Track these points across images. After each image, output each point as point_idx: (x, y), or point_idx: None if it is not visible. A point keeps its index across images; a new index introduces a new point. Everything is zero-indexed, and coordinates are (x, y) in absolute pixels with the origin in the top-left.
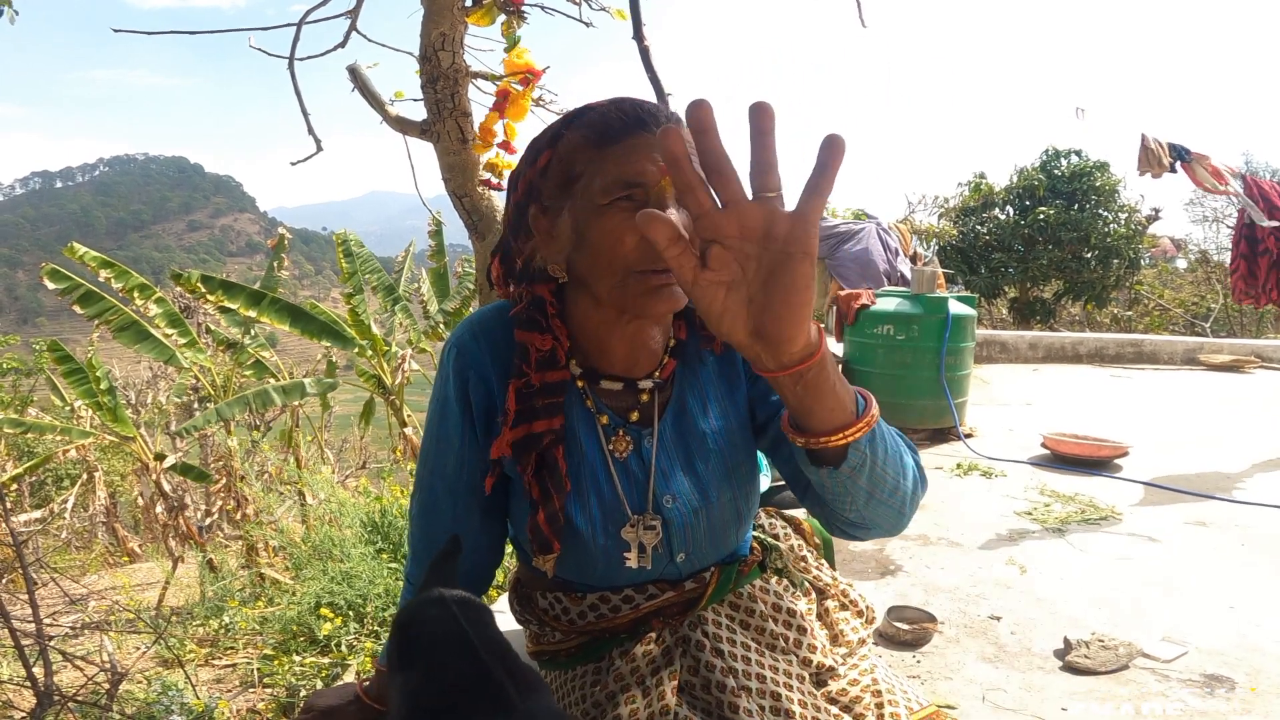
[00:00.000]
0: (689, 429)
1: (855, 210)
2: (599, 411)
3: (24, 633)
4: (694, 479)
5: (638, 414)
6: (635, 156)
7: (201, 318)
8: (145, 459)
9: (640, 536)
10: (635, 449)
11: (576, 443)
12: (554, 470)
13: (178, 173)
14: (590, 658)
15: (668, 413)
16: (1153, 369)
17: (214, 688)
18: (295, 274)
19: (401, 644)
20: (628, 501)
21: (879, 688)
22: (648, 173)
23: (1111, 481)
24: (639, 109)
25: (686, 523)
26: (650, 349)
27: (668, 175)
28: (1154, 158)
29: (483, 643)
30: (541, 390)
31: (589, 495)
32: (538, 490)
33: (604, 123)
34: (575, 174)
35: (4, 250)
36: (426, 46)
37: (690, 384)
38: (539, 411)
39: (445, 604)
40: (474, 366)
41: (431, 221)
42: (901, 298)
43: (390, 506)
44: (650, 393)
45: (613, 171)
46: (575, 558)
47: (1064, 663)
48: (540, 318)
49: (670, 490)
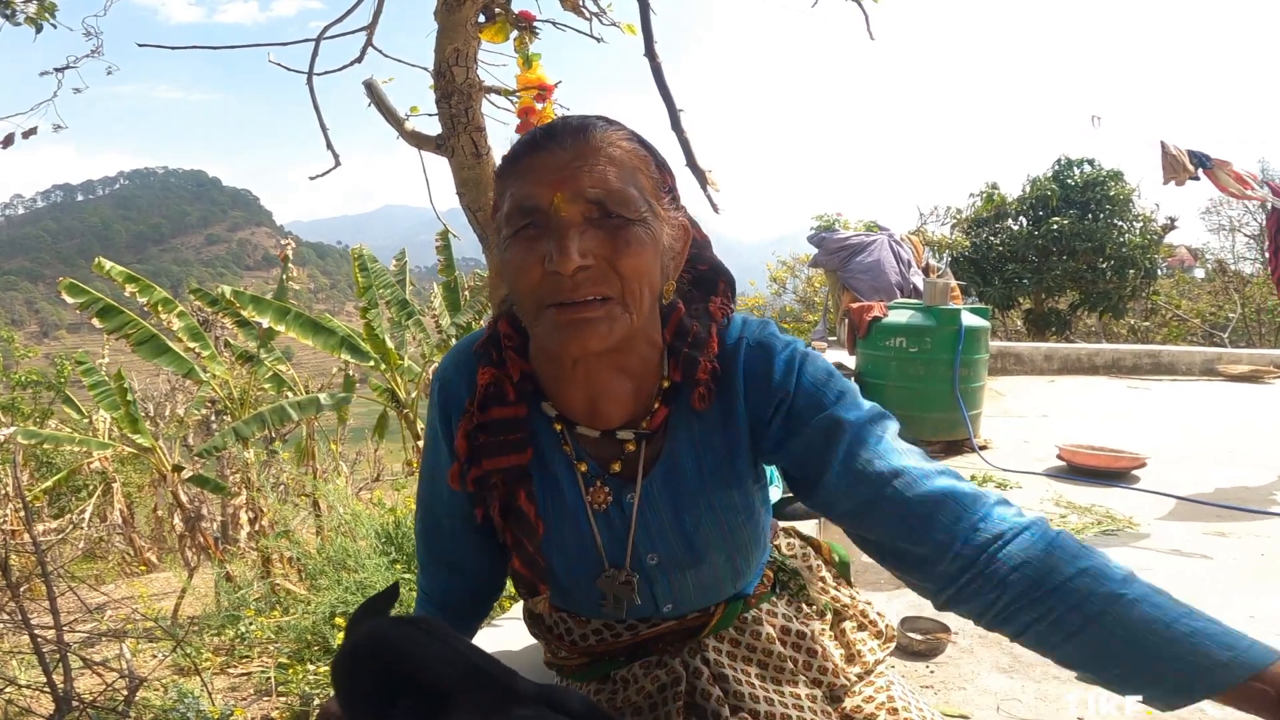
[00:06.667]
0: (680, 486)
1: (867, 222)
2: (578, 458)
3: (44, 639)
4: (682, 538)
5: (619, 465)
6: (529, 179)
7: (219, 331)
8: (164, 470)
9: (614, 589)
10: (615, 501)
11: (556, 483)
12: (520, 516)
13: (196, 186)
14: (595, 675)
15: (657, 467)
16: (1170, 380)
17: (229, 696)
18: (311, 287)
19: (373, 673)
20: (606, 553)
21: (895, 705)
22: (540, 196)
23: (1129, 493)
24: (548, 127)
25: (672, 578)
26: (615, 396)
27: (560, 191)
28: (1177, 165)
29: (462, 645)
30: (484, 428)
31: (568, 539)
32: (510, 536)
33: (512, 149)
34: (496, 207)
35: (25, 263)
36: (441, 62)
37: (684, 435)
38: (486, 449)
39: (405, 623)
40: (453, 401)
41: (439, 236)
42: (914, 310)
43: (404, 518)
44: (636, 442)
45: (513, 199)
46: (561, 597)
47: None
48: (493, 350)
49: (655, 549)
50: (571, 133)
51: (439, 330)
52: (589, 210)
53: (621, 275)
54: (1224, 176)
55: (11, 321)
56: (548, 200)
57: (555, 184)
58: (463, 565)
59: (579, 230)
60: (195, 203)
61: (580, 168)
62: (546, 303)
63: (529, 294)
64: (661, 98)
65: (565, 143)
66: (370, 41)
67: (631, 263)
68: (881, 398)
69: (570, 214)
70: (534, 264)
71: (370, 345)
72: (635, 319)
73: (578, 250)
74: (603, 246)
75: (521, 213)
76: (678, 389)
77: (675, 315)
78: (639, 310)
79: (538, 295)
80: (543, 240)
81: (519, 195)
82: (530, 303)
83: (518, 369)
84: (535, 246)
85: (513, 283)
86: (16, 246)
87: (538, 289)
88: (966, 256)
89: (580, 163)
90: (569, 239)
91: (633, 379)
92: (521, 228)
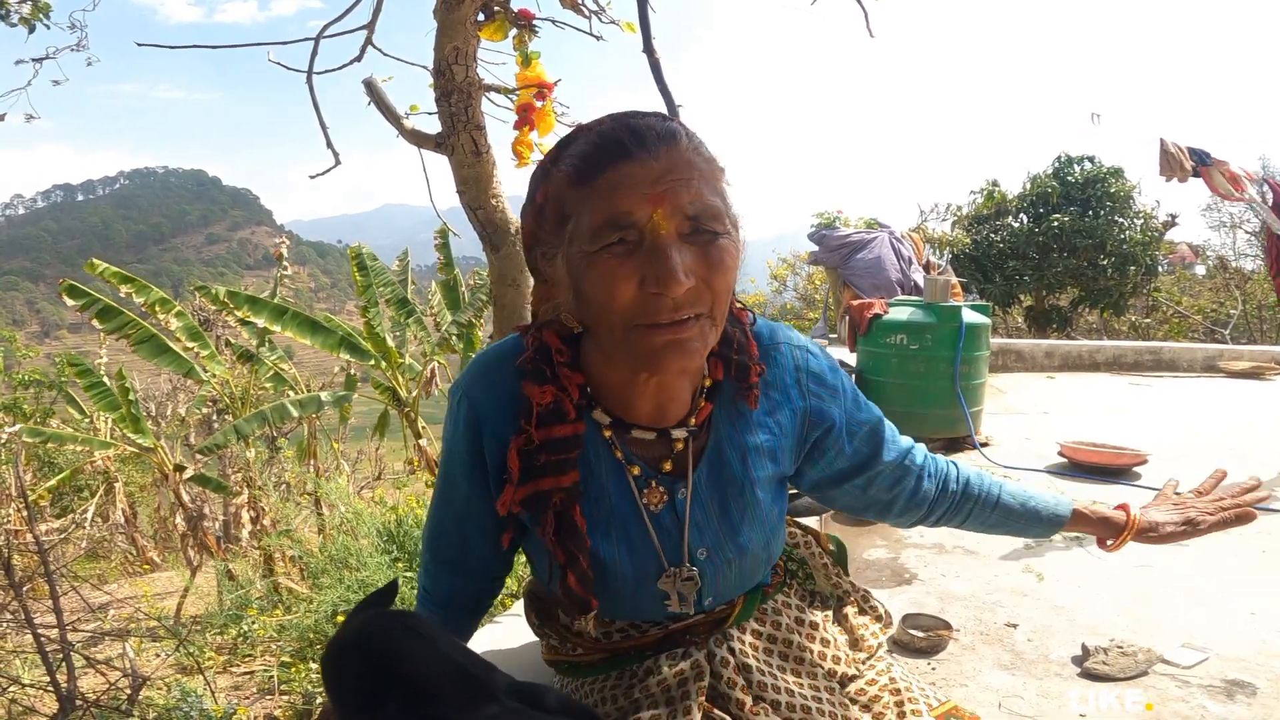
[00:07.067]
0: (726, 478)
1: (868, 219)
2: (629, 463)
3: (48, 639)
4: (729, 529)
5: (671, 464)
6: (620, 193)
7: (221, 330)
8: (166, 470)
9: (678, 588)
10: (669, 501)
11: (602, 492)
12: (574, 531)
13: (196, 186)
14: (611, 668)
15: (703, 461)
16: (1172, 376)
17: (232, 694)
18: (312, 286)
19: (363, 669)
20: (664, 553)
21: (898, 686)
22: (636, 211)
23: (1130, 489)
24: (624, 130)
25: (719, 573)
26: (679, 400)
27: (660, 208)
28: (1175, 162)
29: (445, 642)
30: (544, 447)
31: (619, 546)
32: (562, 555)
33: (585, 154)
34: (565, 215)
35: (26, 263)
36: (440, 61)
37: (728, 430)
38: (545, 469)
39: (399, 618)
40: (486, 421)
41: (438, 234)
42: (915, 307)
43: (406, 517)
44: (685, 441)
45: (598, 212)
46: (608, 606)
47: (1082, 669)
48: (545, 367)
49: (704, 543)
50: (661, 140)
51: (438, 328)
52: (684, 226)
53: (714, 291)
54: (1217, 176)
55: (13, 322)
56: (645, 217)
57: (653, 199)
58: (468, 571)
59: (678, 248)
60: (195, 202)
61: (677, 180)
62: (638, 322)
63: (619, 313)
64: (661, 95)
65: (657, 152)
66: (370, 40)
67: (724, 279)
68: (882, 395)
69: (669, 231)
70: (627, 283)
71: (371, 344)
72: (718, 333)
73: (684, 271)
74: (699, 264)
75: (613, 228)
76: (718, 386)
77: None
78: (722, 324)
79: (629, 315)
80: (635, 257)
81: (609, 209)
82: (619, 321)
83: (574, 384)
84: (628, 262)
85: (600, 298)
86: (17, 246)
87: (630, 308)
88: (967, 253)
89: (675, 175)
90: (674, 259)
91: (692, 381)
92: (611, 244)
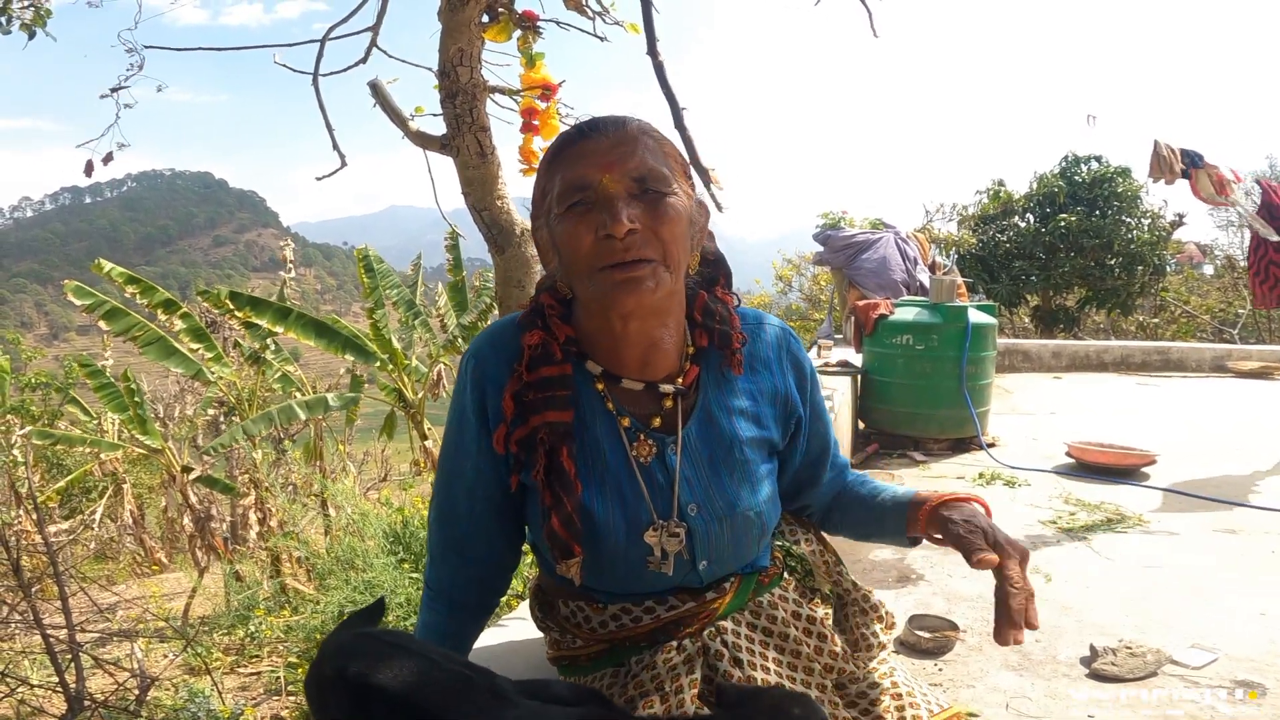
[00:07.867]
0: (715, 436)
1: (873, 220)
2: (620, 414)
3: (56, 639)
4: (719, 488)
5: (660, 420)
6: (579, 164)
7: (227, 332)
8: (173, 471)
9: (664, 542)
10: (659, 455)
11: (596, 444)
12: (562, 474)
13: (203, 188)
14: (610, 663)
15: (693, 419)
16: (1180, 376)
17: (239, 695)
18: (318, 288)
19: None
20: (653, 506)
21: (899, 690)
22: (590, 175)
23: (1138, 490)
24: (586, 122)
25: (710, 531)
26: (663, 349)
27: (609, 173)
28: (1165, 164)
29: (436, 655)
30: (533, 385)
31: (611, 498)
32: (549, 497)
33: (557, 143)
34: (545, 191)
35: (34, 265)
36: (445, 62)
37: (715, 392)
38: (534, 406)
39: (388, 637)
40: (491, 378)
41: (448, 235)
42: (921, 307)
43: (412, 518)
44: (673, 398)
45: (564, 181)
46: (597, 562)
47: (1090, 670)
48: (538, 319)
49: (695, 499)
50: (612, 125)
51: (444, 330)
52: (631, 187)
53: (662, 240)
54: (1203, 180)
55: (21, 324)
56: (597, 178)
57: (603, 165)
58: (474, 550)
59: (625, 202)
60: (202, 204)
61: (623, 151)
62: (599, 265)
63: (583, 259)
64: (664, 96)
65: (608, 132)
66: (374, 42)
67: (669, 229)
68: (888, 395)
69: (617, 189)
70: (586, 233)
71: (377, 346)
72: (674, 280)
73: (626, 216)
74: (645, 215)
75: (574, 189)
76: (703, 353)
77: (700, 298)
78: (677, 272)
79: (591, 260)
80: (593, 213)
81: (570, 176)
82: (584, 267)
83: (563, 332)
84: (587, 217)
85: (567, 250)
86: (25, 249)
87: (591, 254)
88: (973, 254)
89: (623, 147)
90: (618, 207)
91: (674, 334)
92: (573, 204)
